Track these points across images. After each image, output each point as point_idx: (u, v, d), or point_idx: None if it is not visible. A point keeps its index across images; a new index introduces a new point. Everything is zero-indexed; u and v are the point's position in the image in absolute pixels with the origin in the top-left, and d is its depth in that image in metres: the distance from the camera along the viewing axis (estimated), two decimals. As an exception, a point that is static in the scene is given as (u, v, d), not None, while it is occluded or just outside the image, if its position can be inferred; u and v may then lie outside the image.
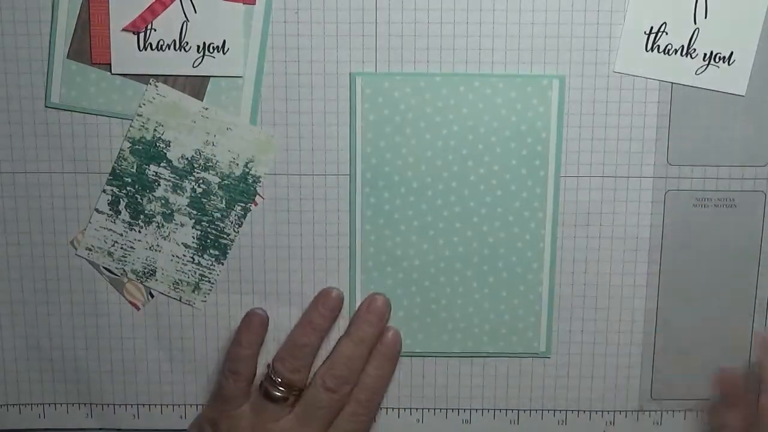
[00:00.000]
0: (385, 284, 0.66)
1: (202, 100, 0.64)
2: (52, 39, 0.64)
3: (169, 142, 0.60)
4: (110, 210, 0.62)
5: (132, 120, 0.61)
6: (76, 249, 0.67)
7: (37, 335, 0.69)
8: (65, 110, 0.65)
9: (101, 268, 0.67)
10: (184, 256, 0.63)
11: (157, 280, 0.63)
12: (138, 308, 0.68)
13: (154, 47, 0.63)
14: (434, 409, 0.69)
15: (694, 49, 0.63)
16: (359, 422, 0.65)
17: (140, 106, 0.58)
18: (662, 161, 0.65)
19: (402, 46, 0.63)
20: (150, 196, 0.61)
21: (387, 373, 0.65)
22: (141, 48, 0.63)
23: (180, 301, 0.64)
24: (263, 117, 0.64)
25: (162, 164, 0.60)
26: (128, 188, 0.61)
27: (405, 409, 0.69)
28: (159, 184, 0.61)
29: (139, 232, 0.62)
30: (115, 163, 0.60)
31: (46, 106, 0.65)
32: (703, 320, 0.67)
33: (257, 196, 0.66)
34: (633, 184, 0.65)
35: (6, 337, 0.69)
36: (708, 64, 0.63)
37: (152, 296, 0.68)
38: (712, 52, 0.63)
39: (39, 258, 0.67)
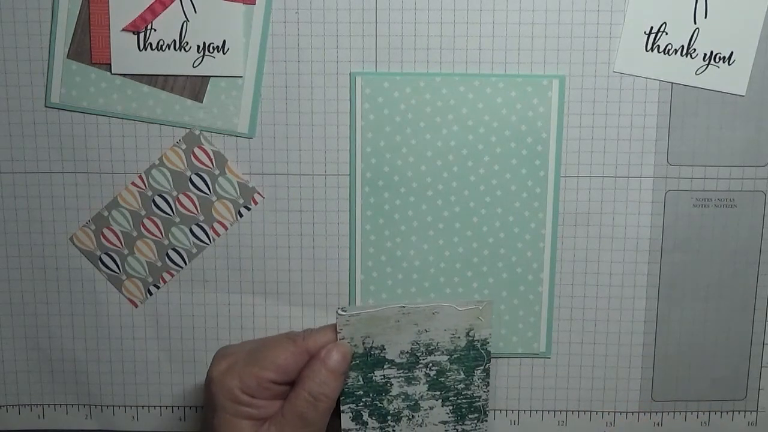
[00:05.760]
0: (385, 284, 0.66)
1: (201, 101, 0.64)
2: (52, 39, 0.64)
3: (383, 346, 0.61)
4: (357, 425, 0.62)
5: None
6: (75, 244, 0.67)
7: (36, 335, 0.69)
8: (65, 110, 0.65)
9: (100, 265, 0.67)
10: (447, 431, 0.63)
11: None
12: (136, 305, 0.68)
13: (154, 47, 0.63)
14: (434, 410, 0.69)
15: (694, 49, 0.63)
16: None
17: (339, 331, 0.60)
18: (662, 161, 0.65)
19: (402, 46, 0.63)
20: (388, 397, 0.62)
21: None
22: (141, 48, 0.63)
23: None
24: (263, 117, 0.64)
25: (386, 366, 0.61)
26: (364, 399, 0.62)
27: (405, 409, 0.69)
28: (391, 384, 0.62)
29: (394, 430, 0.63)
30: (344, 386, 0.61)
31: (46, 106, 0.65)
32: (703, 320, 0.67)
33: (257, 194, 0.66)
34: (633, 184, 0.65)
35: (6, 338, 0.69)
36: (708, 64, 0.63)
37: (150, 294, 0.68)
38: (712, 52, 0.63)
39: (39, 258, 0.68)
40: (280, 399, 0.60)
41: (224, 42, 0.63)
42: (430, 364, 0.62)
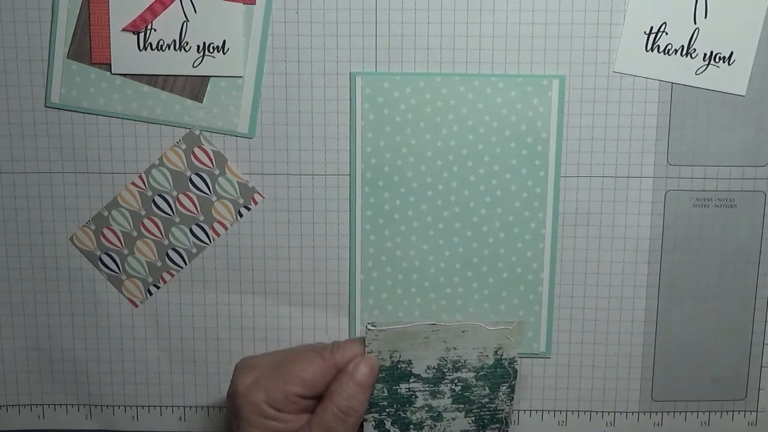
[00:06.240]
0: (385, 284, 0.66)
1: (201, 101, 0.64)
2: (52, 39, 0.64)
3: (410, 360, 0.61)
4: None
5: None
6: (75, 244, 0.67)
7: (36, 335, 0.69)
8: (65, 110, 0.65)
9: (100, 265, 0.67)
10: None
11: None
12: (136, 305, 0.68)
13: (154, 47, 0.63)
14: (434, 410, 0.69)
15: (694, 49, 0.63)
16: None
17: (367, 345, 0.60)
18: (662, 161, 0.65)
19: (402, 46, 0.63)
20: (411, 408, 0.62)
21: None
22: (141, 48, 0.63)
23: None
24: (263, 117, 0.64)
25: (412, 380, 0.61)
26: (388, 410, 0.62)
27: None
28: (416, 397, 0.62)
29: None
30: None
31: (46, 106, 0.65)
32: (703, 320, 0.67)
33: (257, 194, 0.66)
34: (633, 184, 0.65)
35: (6, 338, 0.69)
36: (708, 64, 0.63)
37: (150, 294, 0.68)
38: (712, 52, 0.63)
39: (39, 258, 0.67)
40: (307, 412, 0.60)
41: (224, 42, 0.63)
42: (456, 380, 0.61)
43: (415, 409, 0.62)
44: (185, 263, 0.67)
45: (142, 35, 0.63)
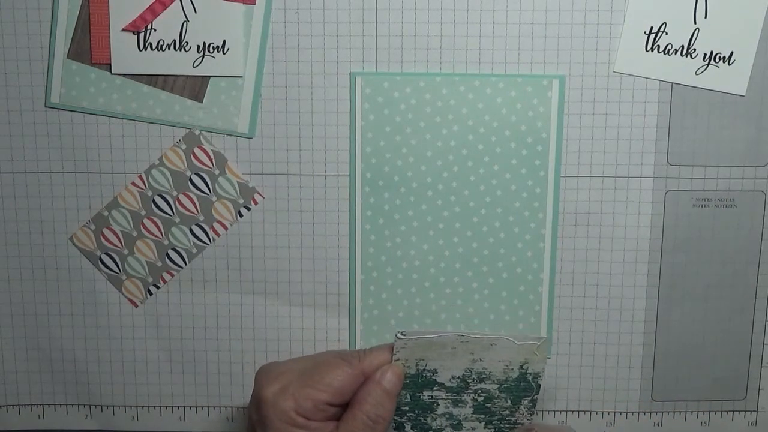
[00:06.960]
0: (385, 284, 0.66)
1: (201, 101, 0.64)
2: (52, 39, 0.64)
3: (435, 370, 0.61)
4: None
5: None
6: (75, 244, 0.67)
7: (36, 335, 0.69)
8: (65, 110, 0.65)
9: (100, 265, 0.67)
10: None
11: None
12: (136, 305, 0.68)
13: (154, 47, 0.63)
14: (434, 410, 0.69)
15: (694, 49, 0.63)
16: None
17: (395, 353, 0.60)
18: (662, 161, 0.65)
19: (402, 46, 0.63)
20: (432, 415, 0.62)
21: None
22: (141, 48, 0.63)
23: None
24: (263, 117, 0.64)
25: (435, 388, 0.61)
26: (408, 414, 0.62)
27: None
28: (438, 404, 0.62)
29: None
30: None
31: (46, 106, 0.65)
32: (703, 320, 0.67)
33: (257, 194, 0.66)
34: (633, 184, 0.65)
35: (6, 338, 0.69)
36: (708, 64, 0.63)
37: (150, 294, 0.68)
38: (712, 52, 0.63)
39: (39, 258, 0.67)
40: (334, 420, 0.59)
41: (224, 42, 0.63)
42: (479, 391, 0.61)
43: (436, 416, 0.62)
44: (185, 263, 0.67)
45: (142, 35, 0.63)
